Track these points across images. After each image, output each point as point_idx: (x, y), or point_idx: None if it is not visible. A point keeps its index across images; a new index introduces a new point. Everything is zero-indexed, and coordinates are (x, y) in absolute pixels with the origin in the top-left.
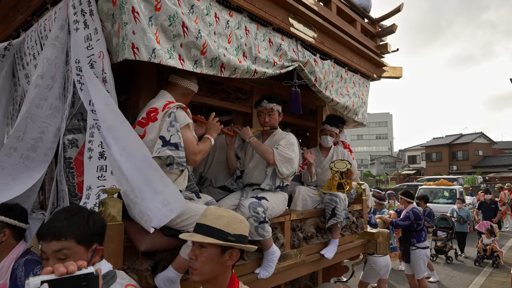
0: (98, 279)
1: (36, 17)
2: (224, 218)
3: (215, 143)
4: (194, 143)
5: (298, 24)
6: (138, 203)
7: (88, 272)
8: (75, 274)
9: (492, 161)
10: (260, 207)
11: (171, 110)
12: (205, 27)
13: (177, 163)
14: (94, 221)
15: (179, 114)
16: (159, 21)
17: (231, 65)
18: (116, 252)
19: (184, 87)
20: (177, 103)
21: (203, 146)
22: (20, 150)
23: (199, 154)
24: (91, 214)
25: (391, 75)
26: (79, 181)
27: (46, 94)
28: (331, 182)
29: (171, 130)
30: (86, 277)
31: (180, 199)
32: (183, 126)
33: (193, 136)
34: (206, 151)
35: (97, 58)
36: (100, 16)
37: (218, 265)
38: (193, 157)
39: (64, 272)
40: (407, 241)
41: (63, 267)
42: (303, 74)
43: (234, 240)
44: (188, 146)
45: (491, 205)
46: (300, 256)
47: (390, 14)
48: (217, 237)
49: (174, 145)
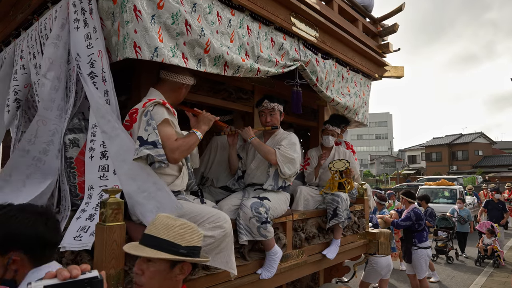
0: (102, 283)
1: (36, 16)
2: (175, 229)
3: (216, 143)
4: (171, 139)
5: (300, 24)
6: (132, 209)
7: (92, 276)
8: (78, 278)
9: (492, 161)
10: (262, 207)
11: (147, 109)
12: (208, 25)
13: (159, 162)
14: (13, 227)
15: (155, 112)
16: (162, 19)
17: (235, 63)
18: (118, 252)
19: (173, 82)
20: (154, 100)
21: (183, 142)
22: (32, 153)
23: (177, 151)
24: (22, 219)
25: (393, 75)
26: (80, 181)
27: (54, 95)
28: (332, 182)
29: (148, 129)
30: (90, 281)
31: (173, 204)
32: (160, 123)
33: (172, 133)
34: (188, 147)
35: (96, 57)
36: (100, 14)
37: (167, 280)
38: (171, 155)
39: (68, 276)
40: (408, 241)
41: (66, 271)
42: (304, 73)
43: (186, 253)
44: (165, 143)
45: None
46: (302, 256)
47: (392, 13)
48: (167, 250)
49: (151, 143)
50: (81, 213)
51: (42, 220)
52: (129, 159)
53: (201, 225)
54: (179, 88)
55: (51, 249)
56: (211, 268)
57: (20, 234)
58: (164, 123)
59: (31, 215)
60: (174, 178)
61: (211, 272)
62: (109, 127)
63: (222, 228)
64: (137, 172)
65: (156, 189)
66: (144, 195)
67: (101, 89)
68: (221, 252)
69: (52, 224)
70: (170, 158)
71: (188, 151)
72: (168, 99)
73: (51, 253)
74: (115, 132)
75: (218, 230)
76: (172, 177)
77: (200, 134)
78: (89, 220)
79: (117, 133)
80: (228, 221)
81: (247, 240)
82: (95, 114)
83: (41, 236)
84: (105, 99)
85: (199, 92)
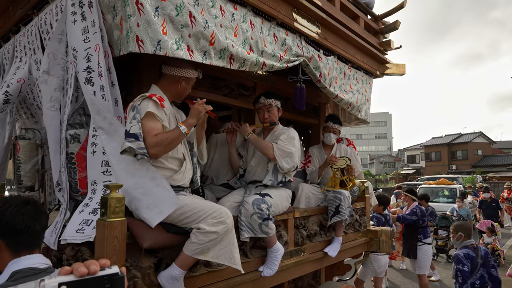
0: (123, 280)
1: (36, 11)
2: None
3: (215, 141)
4: (150, 134)
5: (302, 20)
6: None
7: (112, 273)
8: (97, 275)
9: (491, 161)
10: (264, 204)
11: (134, 104)
12: (212, 19)
13: (141, 154)
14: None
15: (141, 106)
16: (166, 11)
17: (240, 56)
18: (119, 248)
19: (171, 76)
20: (142, 94)
21: (163, 137)
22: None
23: (155, 147)
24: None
25: (394, 72)
26: (81, 177)
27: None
28: (333, 180)
29: (133, 122)
30: (110, 278)
31: (171, 200)
32: (143, 116)
33: (153, 127)
34: (169, 142)
35: (93, 51)
36: (101, 8)
37: None
38: (149, 150)
39: (85, 272)
40: (413, 237)
41: (83, 267)
42: (307, 69)
43: None
44: (144, 137)
45: (492, 203)
46: (304, 254)
47: (393, 10)
48: None
49: (133, 136)
50: (84, 207)
51: (21, 206)
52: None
53: (204, 221)
54: (177, 81)
55: (31, 237)
56: (213, 265)
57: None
58: (147, 116)
59: (10, 203)
60: (174, 173)
61: (212, 269)
62: (106, 123)
63: (224, 223)
64: (136, 167)
65: (153, 185)
66: (140, 191)
67: (97, 84)
68: (224, 247)
69: (32, 211)
70: (149, 153)
71: (169, 146)
72: (168, 95)
73: (31, 242)
74: (113, 128)
75: (221, 226)
76: (171, 171)
77: (184, 129)
78: (92, 214)
79: (114, 129)
80: (230, 216)
81: (248, 237)
82: (90, 110)
83: (17, 221)
84: (101, 95)
85: (200, 88)
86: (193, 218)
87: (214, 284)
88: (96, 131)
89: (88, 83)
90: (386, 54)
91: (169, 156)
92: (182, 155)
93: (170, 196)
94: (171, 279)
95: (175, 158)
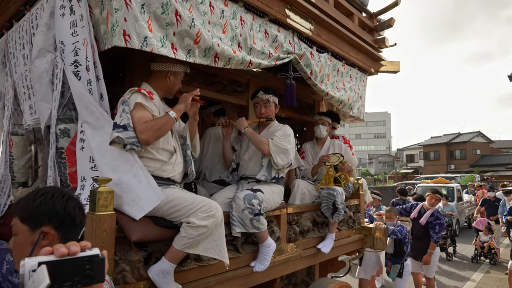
0: (104, 262)
1: (28, 6)
2: None
3: (209, 136)
4: (139, 121)
5: (295, 16)
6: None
7: (92, 254)
8: (77, 255)
9: (490, 160)
10: (255, 199)
11: (124, 98)
12: (199, 16)
13: (130, 144)
14: (44, 202)
15: (131, 99)
16: (152, 9)
17: (225, 55)
18: (108, 242)
19: (158, 71)
20: (131, 88)
21: (152, 122)
22: None
23: (145, 132)
24: (53, 197)
25: (389, 70)
26: (71, 172)
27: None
28: (327, 177)
29: (122, 115)
30: (91, 260)
31: (152, 197)
32: (132, 107)
33: (143, 115)
34: (158, 127)
35: (81, 45)
36: (88, 2)
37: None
38: (140, 135)
39: (65, 253)
40: (425, 240)
41: (64, 247)
42: (298, 66)
43: None
44: (134, 125)
45: (495, 202)
46: (297, 250)
47: (388, 8)
48: None
49: (122, 127)
50: None
51: (72, 200)
52: (112, 149)
53: (194, 215)
54: (165, 76)
55: (77, 230)
56: (204, 259)
57: (53, 210)
58: (136, 107)
59: (63, 194)
60: (163, 164)
61: (203, 263)
62: (93, 118)
63: (214, 217)
64: (119, 163)
65: (136, 181)
66: (121, 187)
67: (84, 79)
68: (214, 241)
69: (79, 205)
70: (140, 139)
71: (159, 132)
72: (159, 91)
73: (77, 235)
74: (100, 123)
75: (211, 220)
76: (161, 163)
77: (173, 113)
78: None
79: (102, 124)
80: (219, 210)
81: (240, 232)
82: (77, 104)
83: (73, 215)
84: (88, 89)
85: (192, 84)
86: (183, 211)
87: (206, 279)
88: (82, 125)
89: (76, 77)
90: (381, 51)
91: (160, 148)
92: (173, 148)
93: (151, 193)
94: (161, 273)
95: (166, 150)
